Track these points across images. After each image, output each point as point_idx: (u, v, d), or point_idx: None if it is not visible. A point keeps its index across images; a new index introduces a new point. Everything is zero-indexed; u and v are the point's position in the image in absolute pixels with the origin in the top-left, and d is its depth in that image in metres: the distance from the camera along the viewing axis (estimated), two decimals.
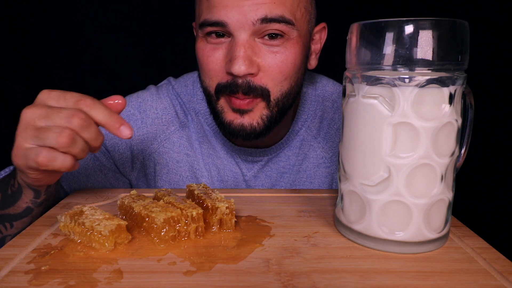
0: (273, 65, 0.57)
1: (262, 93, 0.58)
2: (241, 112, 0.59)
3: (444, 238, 0.42)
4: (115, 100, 0.47)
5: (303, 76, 0.64)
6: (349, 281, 0.35)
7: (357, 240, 0.42)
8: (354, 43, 0.40)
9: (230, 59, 0.56)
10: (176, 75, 0.78)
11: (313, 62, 0.66)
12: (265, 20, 0.54)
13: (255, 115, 0.60)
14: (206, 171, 0.71)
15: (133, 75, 1.30)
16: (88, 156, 0.69)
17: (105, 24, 1.29)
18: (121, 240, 0.41)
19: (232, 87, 0.57)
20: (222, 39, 0.58)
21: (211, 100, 0.62)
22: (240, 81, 0.57)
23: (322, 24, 0.65)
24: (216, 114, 0.62)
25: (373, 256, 0.40)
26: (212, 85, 0.60)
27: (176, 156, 0.71)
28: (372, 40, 0.38)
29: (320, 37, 0.66)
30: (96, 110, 0.43)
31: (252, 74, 0.56)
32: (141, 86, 0.78)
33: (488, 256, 0.40)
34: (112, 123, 0.43)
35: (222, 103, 0.61)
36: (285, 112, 0.63)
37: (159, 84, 0.76)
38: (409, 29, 0.36)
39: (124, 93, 0.76)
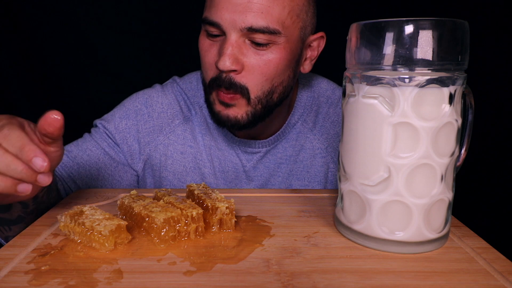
0: (256, 66, 0.61)
1: (242, 91, 0.62)
2: (226, 105, 0.64)
3: (444, 238, 0.42)
4: (52, 116, 0.43)
5: (292, 79, 0.67)
6: (349, 281, 0.35)
7: (357, 240, 0.42)
8: (354, 43, 0.40)
9: (219, 54, 0.61)
10: (179, 75, 0.81)
11: (307, 67, 0.70)
12: (250, 29, 0.59)
13: (239, 110, 0.64)
14: (209, 162, 0.74)
15: (134, 76, 1.30)
16: (98, 151, 0.73)
17: (107, 24, 1.29)
18: (121, 240, 0.41)
19: (218, 81, 0.62)
20: (218, 38, 0.63)
21: (206, 91, 0.67)
22: (224, 75, 0.62)
23: (321, 33, 0.68)
24: (209, 105, 0.67)
25: (373, 256, 0.40)
26: (207, 77, 0.65)
27: (180, 148, 0.75)
28: (372, 40, 0.38)
29: (318, 44, 0.69)
30: (7, 142, 0.40)
31: (235, 71, 0.61)
32: (143, 86, 0.79)
33: (488, 256, 0.40)
34: (23, 156, 0.40)
35: (214, 95, 0.65)
36: (271, 109, 0.67)
37: (164, 83, 0.80)
38: (409, 29, 0.36)
39: (127, 93, 0.78)
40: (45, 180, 0.42)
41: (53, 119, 0.43)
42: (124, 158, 0.74)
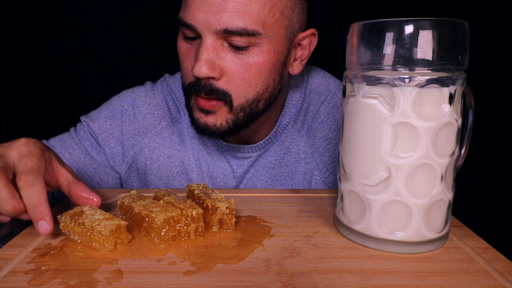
0: (236, 71, 0.57)
1: (224, 97, 0.58)
2: (205, 112, 0.60)
3: (444, 238, 0.42)
4: (93, 198, 0.46)
5: (278, 82, 0.62)
6: (349, 281, 0.35)
7: (357, 240, 0.42)
8: (354, 43, 0.40)
9: (195, 60, 0.57)
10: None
11: (296, 68, 0.64)
12: (226, 31, 0.54)
13: (219, 117, 0.60)
14: (196, 167, 0.71)
15: (134, 76, 1.30)
16: (78, 150, 0.71)
17: (107, 24, 1.29)
18: (121, 240, 0.41)
19: (196, 87, 0.58)
20: (195, 41, 0.58)
21: (186, 96, 0.64)
22: (202, 82, 0.57)
23: (311, 30, 0.63)
24: (189, 111, 0.64)
25: (373, 256, 0.40)
26: (185, 82, 0.62)
27: (167, 151, 0.71)
28: (372, 40, 0.38)
29: (309, 42, 0.64)
30: (26, 191, 0.40)
31: (213, 78, 0.57)
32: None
33: (488, 256, 0.40)
34: (32, 214, 0.40)
35: (193, 101, 0.61)
36: (256, 116, 0.62)
37: (156, 81, 0.78)
38: (409, 29, 0.36)
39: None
40: (45, 228, 0.41)
41: (91, 200, 0.46)
42: (106, 159, 0.72)
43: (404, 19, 0.36)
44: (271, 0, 0.55)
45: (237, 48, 0.56)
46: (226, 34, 0.54)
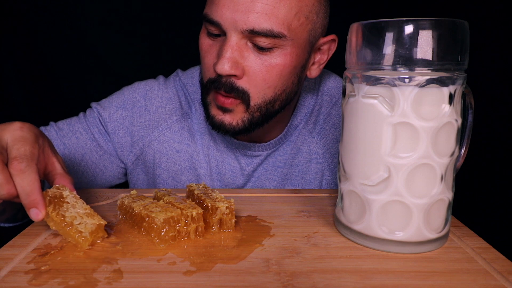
0: (257, 72, 0.58)
1: (243, 96, 0.59)
2: (223, 110, 0.61)
3: (444, 238, 0.42)
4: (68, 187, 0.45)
5: (296, 85, 0.63)
6: (349, 281, 0.35)
7: (357, 240, 0.42)
8: (354, 43, 0.40)
9: (218, 56, 0.58)
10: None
11: (314, 72, 0.66)
12: (252, 32, 0.55)
13: (235, 116, 0.61)
14: (205, 163, 0.72)
15: (134, 76, 1.30)
16: (86, 135, 0.72)
17: (107, 24, 1.29)
18: (97, 238, 0.42)
19: (217, 84, 0.59)
20: (219, 38, 0.59)
21: (203, 91, 0.64)
22: (223, 79, 0.58)
23: (332, 36, 0.64)
24: (205, 106, 0.64)
25: (373, 256, 0.40)
26: (205, 77, 0.62)
27: (176, 145, 0.72)
28: (372, 40, 0.38)
29: (328, 48, 0.65)
30: (19, 179, 0.41)
31: (235, 76, 0.58)
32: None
33: (488, 256, 0.40)
34: (25, 202, 0.41)
35: (211, 97, 0.62)
36: (271, 116, 0.63)
37: (169, 76, 0.78)
38: (409, 29, 0.36)
39: None
40: (37, 215, 0.41)
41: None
42: (113, 148, 0.72)
43: (404, 19, 0.36)
44: (298, 4, 0.56)
45: (260, 49, 0.57)
46: (252, 34, 0.55)
